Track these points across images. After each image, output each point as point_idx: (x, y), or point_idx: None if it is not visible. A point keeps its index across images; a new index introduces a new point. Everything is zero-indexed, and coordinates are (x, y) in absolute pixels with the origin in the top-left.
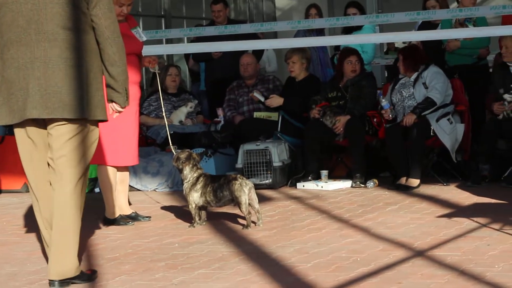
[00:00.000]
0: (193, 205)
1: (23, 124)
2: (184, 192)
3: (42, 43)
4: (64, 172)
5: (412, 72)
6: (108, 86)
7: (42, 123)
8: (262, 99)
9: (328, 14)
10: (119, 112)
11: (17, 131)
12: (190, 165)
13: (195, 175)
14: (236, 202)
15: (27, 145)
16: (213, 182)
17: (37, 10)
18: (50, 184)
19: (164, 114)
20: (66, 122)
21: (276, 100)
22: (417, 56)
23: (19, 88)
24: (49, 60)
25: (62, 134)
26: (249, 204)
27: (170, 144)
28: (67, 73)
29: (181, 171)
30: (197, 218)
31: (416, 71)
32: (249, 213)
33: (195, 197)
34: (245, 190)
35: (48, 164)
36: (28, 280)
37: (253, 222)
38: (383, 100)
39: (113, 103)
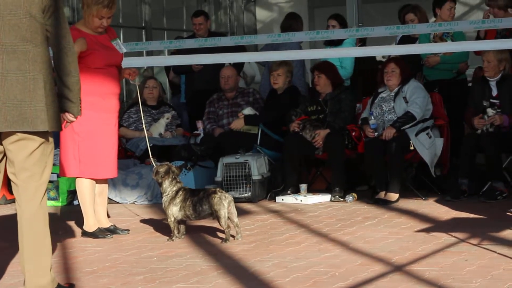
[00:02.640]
0: (172, 219)
1: None
2: (163, 206)
3: (0, 56)
4: (29, 187)
5: (399, 85)
6: (61, 96)
7: None
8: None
9: (309, 26)
10: (71, 122)
11: None
12: (170, 179)
13: (174, 188)
14: (215, 215)
15: None
16: (192, 196)
17: None
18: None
19: (144, 126)
20: (26, 136)
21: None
22: (406, 69)
23: None
24: (7, 73)
25: (23, 148)
26: (228, 217)
27: (150, 156)
28: (26, 86)
29: (160, 184)
30: (176, 232)
31: (402, 84)
32: (228, 226)
33: (174, 211)
34: (225, 204)
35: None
36: None
37: (232, 235)
38: (372, 118)
39: (66, 113)
